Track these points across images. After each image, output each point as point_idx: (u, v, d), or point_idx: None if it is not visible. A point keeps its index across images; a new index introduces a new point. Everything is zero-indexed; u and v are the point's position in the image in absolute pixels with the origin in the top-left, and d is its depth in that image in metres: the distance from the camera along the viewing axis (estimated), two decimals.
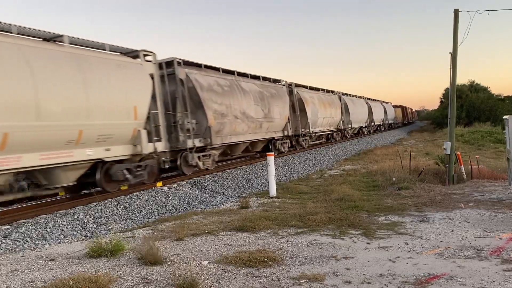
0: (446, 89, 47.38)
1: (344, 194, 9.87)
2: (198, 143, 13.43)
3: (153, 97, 11.53)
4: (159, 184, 11.73)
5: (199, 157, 13.63)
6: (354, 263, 5.10)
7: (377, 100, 49.56)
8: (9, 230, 7.35)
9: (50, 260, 5.60)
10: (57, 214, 8.48)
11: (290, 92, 22.09)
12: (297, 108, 22.44)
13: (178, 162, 13.19)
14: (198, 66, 14.66)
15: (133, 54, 11.43)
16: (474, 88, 49.99)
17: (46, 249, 6.42)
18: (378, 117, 45.66)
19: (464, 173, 12.68)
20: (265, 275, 4.76)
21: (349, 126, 32.39)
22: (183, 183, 12.37)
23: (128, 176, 10.57)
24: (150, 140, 11.23)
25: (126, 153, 10.64)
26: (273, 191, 10.78)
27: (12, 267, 5.32)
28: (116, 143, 10.21)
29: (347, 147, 26.64)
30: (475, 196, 9.34)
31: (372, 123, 43.02)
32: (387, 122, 51.09)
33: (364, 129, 39.42)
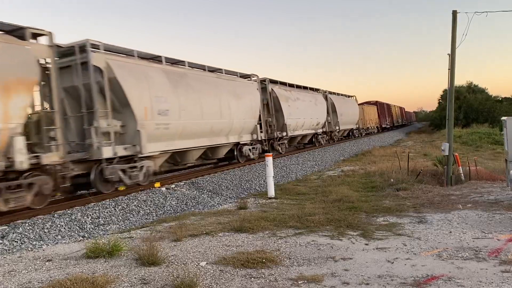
0: (444, 91, 47.59)
1: (342, 195, 9.87)
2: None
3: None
4: (157, 184, 11.71)
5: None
6: (352, 264, 5.10)
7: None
8: (6, 231, 7.32)
9: (47, 261, 5.58)
10: (55, 215, 8.45)
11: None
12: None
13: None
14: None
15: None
16: (472, 90, 50.12)
17: (43, 250, 6.40)
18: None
19: (462, 174, 12.69)
20: (263, 276, 4.75)
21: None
22: (181, 183, 12.35)
23: None
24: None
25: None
26: (271, 192, 10.78)
27: (9, 267, 5.30)
28: None
29: (343, 149, 26.62)
30: (473, 197, 9.35)
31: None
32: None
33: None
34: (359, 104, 38.70)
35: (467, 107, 44.64)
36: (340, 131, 31.21)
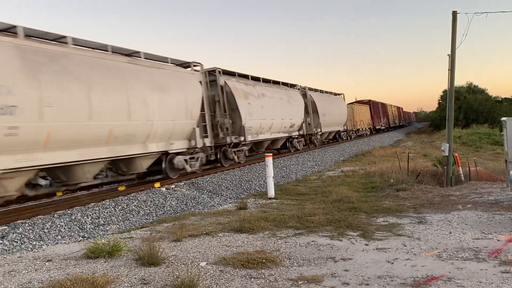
0: (444, 91, 47.58)
1: (342, 195, 9.87)
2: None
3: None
4: (157, 185, 11.71)
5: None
6: (352, 265, 5.10)
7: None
8: (6, 231, 7.32)
9: (47, 261, 5.58)
10: (55, 215, 8.45)
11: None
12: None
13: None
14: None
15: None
16: (472, 90, 50.14)
17: (43, 250, 6.40)
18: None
19: (462, 175, 12.69)
20: (263, 276, 4.75)
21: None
22: (181, 184, 12.35)
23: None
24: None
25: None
26: (271, 192, 10.78)
27: (9, 267, 5.30)
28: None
29: (343, 149, 26.62)
30: (473, 198, 9.35)
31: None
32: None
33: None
34: (348, 104, 35.70)
35: (467, 108, 44.66)
36: (323, 134, 26.90)
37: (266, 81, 20.29)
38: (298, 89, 24.43)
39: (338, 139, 31.62)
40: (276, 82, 21.34)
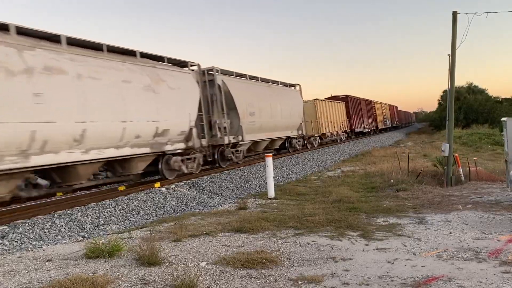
0: (444, 91, 47.58)
1: (342, 196, 9.87)
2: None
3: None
4: (157, 185, 11.71)
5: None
6: (353, 265, 5.10)
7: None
8: (6, 231, 7.32)
9: (47, 261, 5.58)
10: (55, 215, 8.45)
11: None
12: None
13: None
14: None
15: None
16: (472, 90, 50.15)
17: (43, 250, 6.39)
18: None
19: (462, 175, 12.69)
20: (263, 276, 4.75)
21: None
22: (181, 184, 12.35)
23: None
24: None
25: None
26: (271, 192, 10.78)
27: (9, 267, 5.29)
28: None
29: (343, 149, 26.60)
30: (473, 198, 9.35)
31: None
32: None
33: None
34: (310, 100, 26.92)
35: (467, 108, 44.66)
36: (245, 143, 16.72)
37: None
38: (189, 71, 16.14)
39: (289, 149, 21.99)
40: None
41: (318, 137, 26.88)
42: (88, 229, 8.11)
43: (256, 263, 5.10)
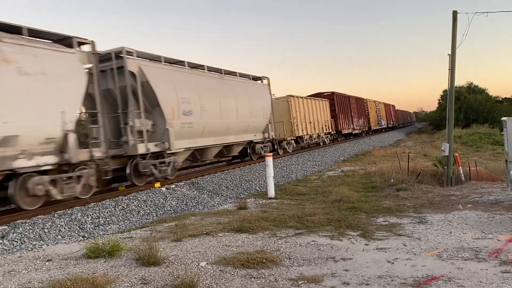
0: (445, 91, 47.55)
1: (342, 195, 9.87)
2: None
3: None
4: (157, 185, 11.71)
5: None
6: (353, 264, 5.10)
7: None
8: (6, 231, 7.32)
9: (47, 261, 5.58)
10: (55, 215, 8.45)
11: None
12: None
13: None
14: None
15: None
16: (472, 90, 50.18)
17: (43, 250, 6.39)
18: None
19: (462, 175, 12.69)
20: (263, 276, 4.75)
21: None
22: (181, 184, 12.35)
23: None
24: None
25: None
26: (271, 192, 10.78)
27: (9, 267, 5.29)
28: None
29: (343, 149, 26.58)
30: (473, 198, 9.35)
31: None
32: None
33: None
34: (283, 97, 22.67)
35: (467, 108, 44.68)
36: (176, 152, 12.82)
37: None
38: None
39: (251, 156, 17.76)
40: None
41: (293, 141, 22.73)
42: (88, 229, 8.12)
43: (256, 263, 5.10)
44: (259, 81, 19.33)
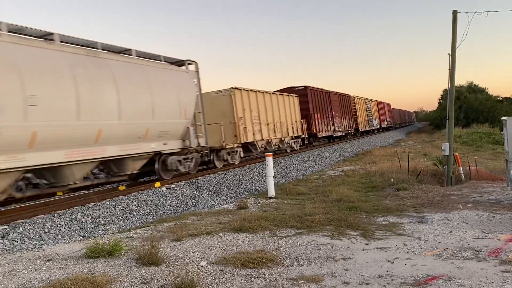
0: (445, 90, 47.54)
1: (343, 195, 9.87)
2: None
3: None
4: (157, 184, 11.72)
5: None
6: (353, 264, 5.10)
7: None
8: (6, 230, 7.32)
9: (47, 261, 5.58)
10: (55, 214, 8.45)
11: None
12: None
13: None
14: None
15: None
16: (473, 89, 50.19)
17: (43, 250, 6.40)
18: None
19: (463, 174, 12.69)
20: (263, 275, 4.75)
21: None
22: (181, 183, 12.36)
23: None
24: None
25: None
26: (271, 191, 10.78)
27: (10, 267, 5.30)
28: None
29: (344, 149, 26.57)
30: (474, 197, 9.35)
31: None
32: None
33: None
34: (229, 89, 16.86)
35: (468, 107, 44.73)
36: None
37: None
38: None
39: (160, 173, 12.47)
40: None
41: (239, 149, 16.96)
42: (88, 228, 8.12)
43: (256, 263, 5.11)
44: (182, 67, 13.83)
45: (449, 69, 12.98)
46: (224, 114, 16.49)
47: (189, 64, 14.05)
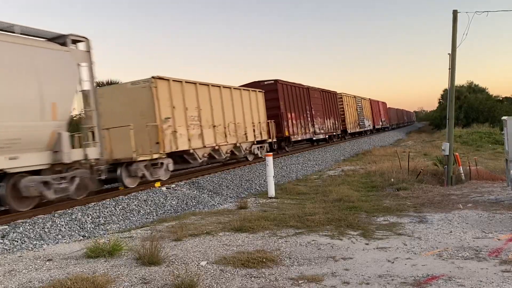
0: (445, 90, 47.51)
1: (343, 195, 9.87)
2: None
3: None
4: (158, 184, 11.72)
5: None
6: (353, 264, 5.10)
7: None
8: (6, 230, 7.32)
9: (48, 260, 5.58)
10: (55, 214, 8.45)
11: None
12: None
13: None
14: None
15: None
16: (473, 89, 50.17)
17: (44, 249, 6.40)
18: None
19: (463, 174, 12.70)
20: (263, 275, 4.75)
21: None
22: (182, 183, 12.36)
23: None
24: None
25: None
26: (271, 191, 10.78)
27: (10, 267, 5.30)
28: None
29: (344, 149, 26.57)
30: (474, 197, 9.35)
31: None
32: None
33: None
34: (148, 79, 12.15)
35: (468, 107, 44.72)
36: None
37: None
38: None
39: (12, 205, 8.40)
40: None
41: (166, 160, 12.57)
42: (88, 228, 8.12)
43: (257, 263, 5.11)
44: (58, 45, 9.36)
45: (449, 69, 12.98)
46: (143, 114, 12.14)
47: (75, 42, 9.75)
